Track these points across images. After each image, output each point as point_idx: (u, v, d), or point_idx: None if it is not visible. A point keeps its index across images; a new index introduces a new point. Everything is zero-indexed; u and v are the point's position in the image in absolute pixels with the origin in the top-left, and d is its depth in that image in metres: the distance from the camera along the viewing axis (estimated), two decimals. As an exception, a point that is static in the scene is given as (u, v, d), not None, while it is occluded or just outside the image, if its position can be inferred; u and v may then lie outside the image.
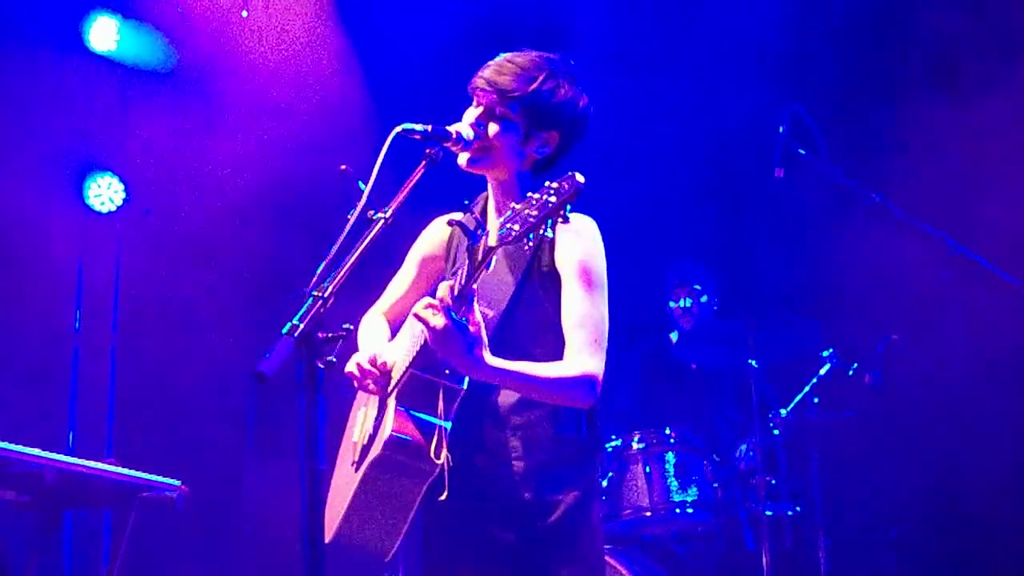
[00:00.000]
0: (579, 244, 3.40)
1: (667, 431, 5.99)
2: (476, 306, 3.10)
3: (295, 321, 2.81)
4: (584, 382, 3.26)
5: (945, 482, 6.47)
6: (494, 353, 3.16)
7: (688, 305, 7.00)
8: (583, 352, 3.28)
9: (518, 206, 2.92)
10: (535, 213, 2.88)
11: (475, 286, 3.08)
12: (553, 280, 3.37)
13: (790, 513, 6.05)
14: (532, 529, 3.33)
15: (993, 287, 5.06)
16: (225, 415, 7.29)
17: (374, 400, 3.51)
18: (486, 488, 3.33)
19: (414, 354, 3.23)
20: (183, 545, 6.90)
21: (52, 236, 7.15)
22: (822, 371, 6.27)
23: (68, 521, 6.73)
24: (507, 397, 3.38)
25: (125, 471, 4.29)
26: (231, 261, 7.37)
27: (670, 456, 5.93)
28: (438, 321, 3.04)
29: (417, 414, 3.27)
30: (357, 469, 3.39)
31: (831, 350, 6.28)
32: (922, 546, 6.49)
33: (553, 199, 2.87)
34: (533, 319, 3.39)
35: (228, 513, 7.24)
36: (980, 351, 6.28)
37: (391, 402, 3.29)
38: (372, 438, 3.38)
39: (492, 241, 2.97)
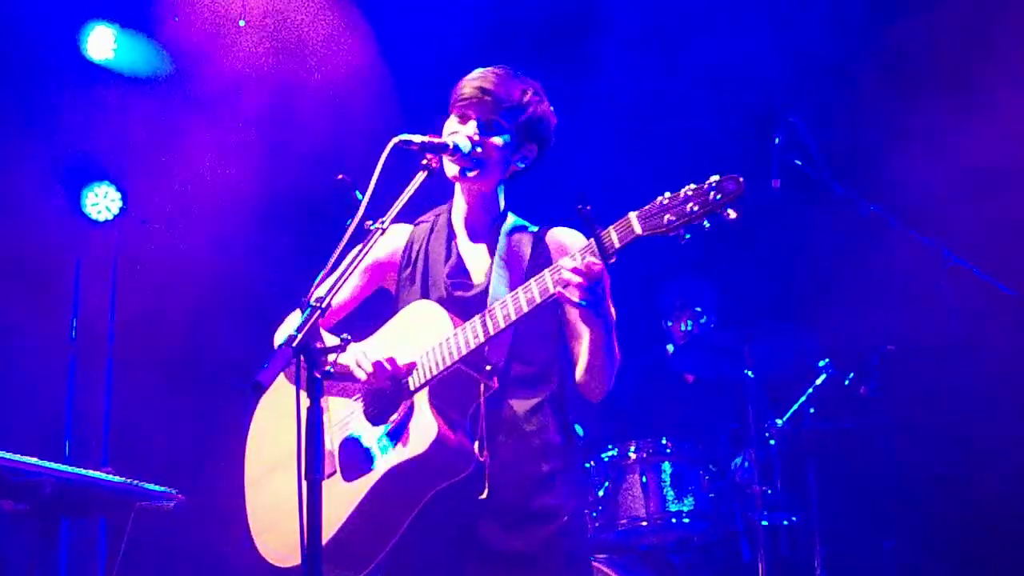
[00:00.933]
0: (574, 242, 3.51)
1: (663, 441, 5.99)
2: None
3: (292, 331, 2.82)
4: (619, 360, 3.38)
5: (941, 492, 6.47)
6: (508, 359, 3.29)
7: (689, 328, 7.01)
8: None
9: (669, 198, 2.94)
10: (697, 208, 2.91)
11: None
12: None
13: (786, 523, 6.05)
14: (538, 536, 3.35)
15: (990, 297, 5.07)
16: (222, 424, 7.28)
17: (341, 410, 3.46)
18: (493, 492, 3.30)
19: (468, 349, 3.22)
20: (179, 554, 6.89)
21: (49, 245, 7.15)
22: (818, 381, 6.27)
23: (65, 530, 6.71)
24: (522, 403, 3.40)
25: (122, 480, 4.29)
26: (228, 270, 7.36)
27: (666, 466, 5.93)
28: (597, 269, 3.04)
29: (451, 410, 3.27)
30: (349, 479, 3.35)
31: (827, 360, 6.28)
32: (918, 556, 6.49)
33: (719, 197, 2.91)
34: (540, 326, 3.45)
35: (225, 522, 7.22)
36: (977, 361, 6.28)
37: (422, 400, 3.26)
38: (371, 445, 3.32)
39: (637, 228, 2.97)
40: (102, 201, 7.44)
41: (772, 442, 6.20)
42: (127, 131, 7.43)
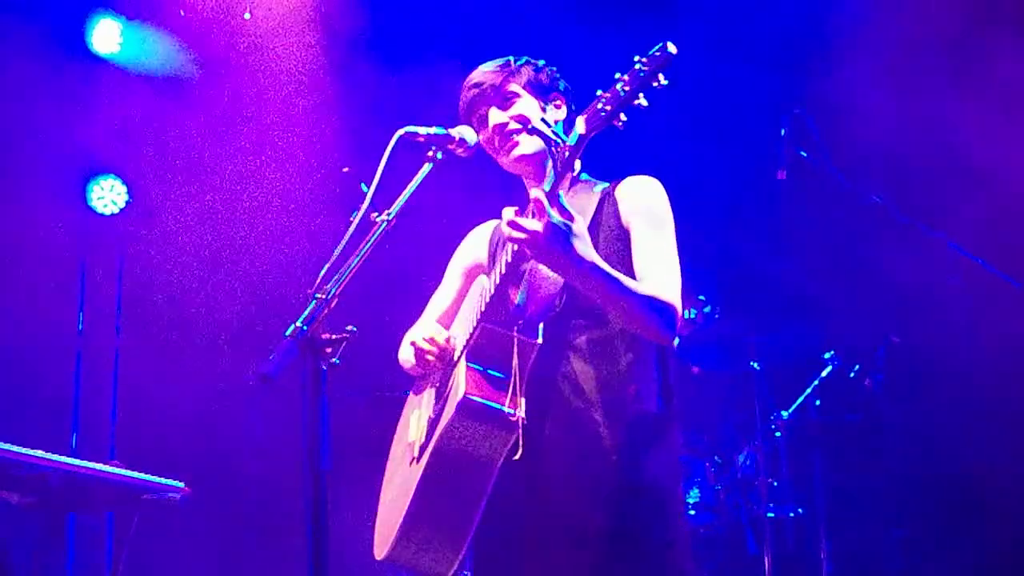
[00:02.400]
0: (642, 195, 3.41)
1: (669, 433, 5.98)
2: (567, 204, 2.99)
3: (299, 323, 2.82)
4: (669, 310, 3.14)
5: (947, 484, 6.47)
6: (563, 319, 3.17)
7: (693, 316, 6.99)
8: (665, 284, 3.19)
9: (603, 92, 2.90)
10: (627, 87, 2.86)
11: (562, 191, 3.00)
12: (620, 239, 3.33)
13: (792, 515, 6.07)
14: (626, 512, 3.19)
15: (996, 289, 5.07)
16: (228, 417, 7.29)
17: (428, 399, 3.48)
18: (572, 466, 3.20)
19: (484, 306, 3.18)
20: (186, 547, 6.90)
21: (55, 238, 7.16)
22: (824, 373, 6.28)
23: (71, 523, 6.73)
24: (587, 371, 3.26)
25: (129, 473, 4.30)
26: (234, 263, 7.37)
27: (672, 458, 5.93)
28: (534, 224, 2.92)
29: (492, 372, 3.16)
30: (418, 461, 3.30)
31: (832, 352, 6.29)
32: (925, 548, 6.49)
33: (646, 67, 2.86)
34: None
35: (231, 515, 7.24)
36: (982, 353, 6.28)
37: (461, 365, 3.20)
38: (435, 423, 3.29)
39: (580, 128, 2.94)
40: (108, 194, 7.45)
41: (778, 434, 6.21)
42: (133, 125, 7.43)
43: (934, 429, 6.48)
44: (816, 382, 6.29)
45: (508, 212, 3.03)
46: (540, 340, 3.15)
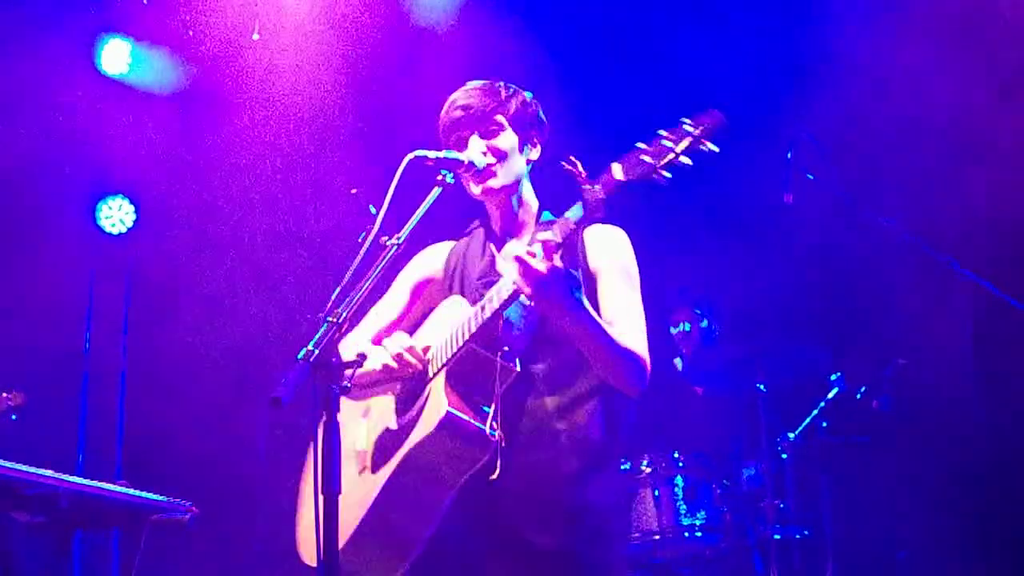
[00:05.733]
0: (616, 246, 3.50)
1: (675, 455, 5.99)
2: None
3: (310, 346, 2.83)
4: (639, 362, 3.30)
5: (953, 505, 6.46)
6: (530, 348, 3.23)
7: (688, 330, 6.97)
8: (637, 340, 3.33)
9: (645, 145, 2.92)
10: (674, 145, 2.88)
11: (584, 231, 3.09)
12: (587, 283, 3.38)
13: (798, 537, 6.05)
14: (572, 535, 3.32)
15: (1002, 311, 5.07)
16: (236, 437, 7.30)
17: (382, 409, 3.48)
18: (525, 488, 3.29)
19: (475, 327, 3.20)
20: (194, 567, 6.90)
21: (63, 257, 7.18)
22: (830, 395, 6.28)
23: (77, 542, 6.73)
24: (554, 397, 3.37)
25: (139, 493, 4.30)
26: (241, 283, 7.39)
27: (679, 480, 5.93)
28: (540, 265, 3.01)
29: (470, 393, 3.22)
30: (374, 472, 3.33)
31: (839, 374, 6.28)
32: (932, 569, 6.48)
33: (696, 131, 2.88)
34: None
35: (240, 534, 7.24)
36: (988, 375, 6.28)
37: (439, 383, 3.25)
38: (398, 435, 3.31)
39: (618, 174, 2.95)
40: (116, 214, 7.48)
41: (784, 456, 6.20)
42: (141, 145, 7.46)
43: (941, 451, 6.47)
44: (823, 404, 6.28)
45: (518, 248, 3.08)
46: (519, 368, 3.24)
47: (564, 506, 3.33)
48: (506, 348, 3.23)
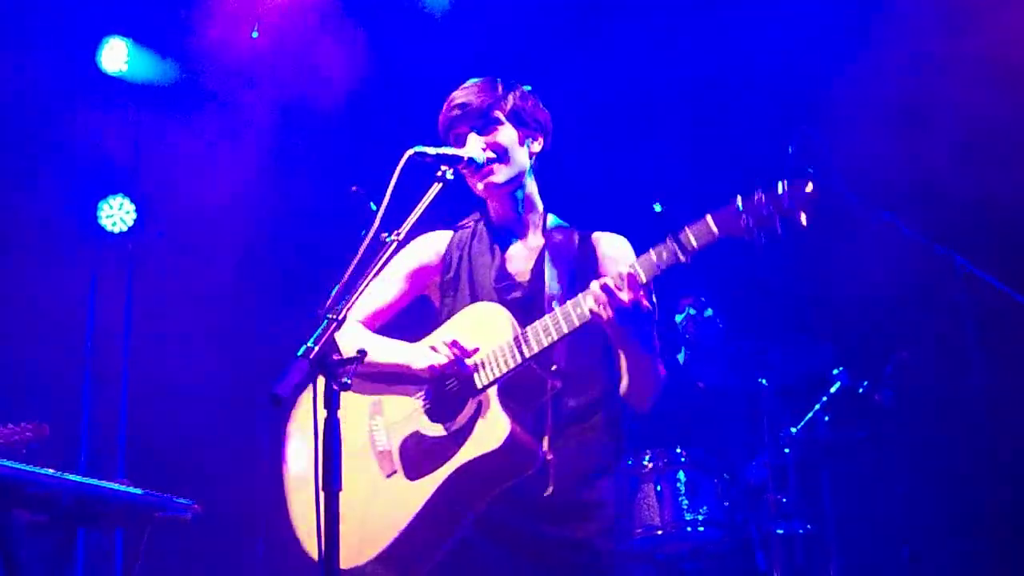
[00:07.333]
0: (626, 254, 3.59)
1: (678, 450, 5.99)
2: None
3: (310, 343, 2.83)
4: (663, 386, 3.52)
5: (957, 500, 6.46)
6: (558, 356, 3.32)
7: (693, 314, 6.94)
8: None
9: (744, 202, 3.02)
10: (772, 212, 3.01)
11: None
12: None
13: (801, 532, 6.04)
14: (587, 530, 3.40)
15: (1004, 305, 5.07)
16: (238, 436, 7.30)
17: (400, 407, 3.48)
18: (536, 487, 3.34)
19: (539, 347, 3.25)
20: (196, 565, 6.90)
21: (64, 256, 7.18)
22: (832, 389, 6.27)
23: (80, 541, 6.73)
24: (575, 400, 3.45)
25: (139, 491, 4.30)
26: (243, 281, 7.38)
27: (681, 475, 5.93)
28: (625, 296, 3.13)
29: (520, 408, 3.30)
30: (413, 478, 3.35)
31: (841, 368, 6.28)
32: (935, 565, 6.47)
33: (793, 201, 3.00)
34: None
35: (242, 533, 7.24)
36: (991, 369, 6.27)
37: (494, 399, 3.29)
38: (440, 445, 3.33)
39: (714, 228, 3.05)
40: (117, 213, 7.48)
41: (787, 450, 6.19)
42: (141, 143, 7.46)
43: (943, 445, 6.47)
44: (825, 398, 6.27)
45: (606, 282, 3.16)
46: (561, 384, 3.34)
47: (580, 504, 3.41)
48: (554, 367, 3.32)
